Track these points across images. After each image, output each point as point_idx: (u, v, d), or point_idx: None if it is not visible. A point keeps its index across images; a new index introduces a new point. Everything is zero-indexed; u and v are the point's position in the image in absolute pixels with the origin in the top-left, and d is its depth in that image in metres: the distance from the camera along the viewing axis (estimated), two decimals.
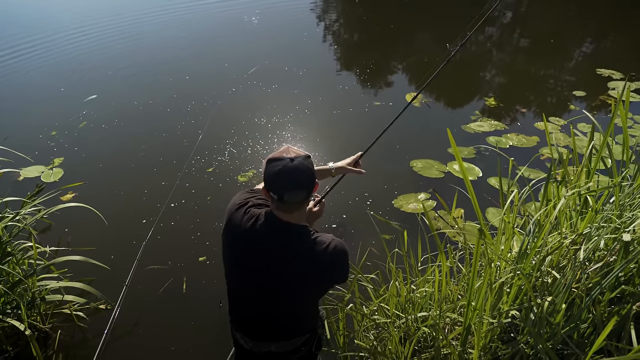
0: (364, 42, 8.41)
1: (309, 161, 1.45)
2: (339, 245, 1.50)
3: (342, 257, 1.50)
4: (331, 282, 1.58)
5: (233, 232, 1.54)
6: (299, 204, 1.45)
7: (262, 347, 1.70)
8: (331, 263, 1.48)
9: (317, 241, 1.48)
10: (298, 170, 1.40)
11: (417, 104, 5.61)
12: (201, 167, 4.45)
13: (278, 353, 1.72)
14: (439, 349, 1.89)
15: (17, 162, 3.69)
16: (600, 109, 5.45)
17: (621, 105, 2.01)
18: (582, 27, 8.73)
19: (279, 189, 1.40)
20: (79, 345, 2.81)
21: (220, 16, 9.39)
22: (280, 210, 1.47)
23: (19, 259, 2.74)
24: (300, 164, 1.41)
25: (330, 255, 1.47)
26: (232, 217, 1.55)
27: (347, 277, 1.57)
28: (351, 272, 2.30)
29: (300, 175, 1.40)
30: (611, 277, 1.51)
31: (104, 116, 5.47)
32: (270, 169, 1.42)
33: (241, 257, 1.53)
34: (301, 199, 1.44)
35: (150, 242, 3.39)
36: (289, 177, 1.39)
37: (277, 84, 6.20)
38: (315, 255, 1.46)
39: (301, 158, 1.43)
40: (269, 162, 1.44)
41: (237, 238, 1.53)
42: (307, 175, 1.42)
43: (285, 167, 1.40)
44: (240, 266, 1.56)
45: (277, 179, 1.40)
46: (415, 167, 4.42)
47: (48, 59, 7.34)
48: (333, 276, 1.54)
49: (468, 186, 1.72)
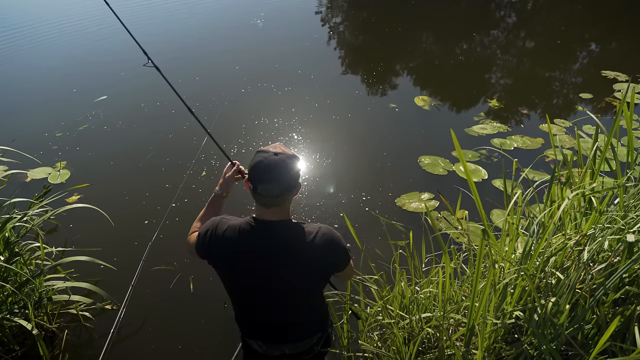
0: (371, 43, 8.42)
1: (292, 160, 1.44)
2: (327, 232, 1.50)
3: (333, 242, 1.50)
4: (333, 268, 1.56)
5: (221, 250, 1.51)
6: (276, 198, 1.42)
7: (275, 351, 1.71)
8: (325, 250, 1.48)
9: (306, 232, 1.48)
10: (277, 165, 1.40)
11: (426, 107, 5.62)
12: (207, 167, 4.49)
13: (292, 355, 1.73)
14: (442, 349, 1.89)
15: (25, 164, 3.73)
16: (605, 111, 5.43)
17: (626, 106, 2.01)
18: (586, 28, 8.71)
19: (255, 179, 1.41)
20: (85, 345, 2.84)
21: (225, 19, 9.45)
22: (261, 207, 1.46)
23: (27, 259, 2.77)
24: (281, 160, 1.41)
25: (322, 242, 1.47)
26: (213, 242, 1.51)
27: (348, 258, 1.57)
28: (355, 272, 2.31)
29: (277, 170, 1.39)
30: (615, 277, 1.51)
31: (112, 117, 5.54)
32: (254, 159, 1.43)
33: (238, 268, 1.51)
34: (275, 194, 1.41)
35: (156, 243, 3.41)
36: (266, 169, 1.39)
37: (289, 87, 6.24)
38: (306, 246, 1.46)
39: (285, 155, 1.43)
40: (256, 153, 1.46)
41: (228, 253, 1.50)
42: (284, 171, 1.41)
43: (266, 159, 1.40)
44: (239, 277, 1.54)
45: (256, 169, 1.41)
46: (422, 163, 4.47)
47: (64, 58, 7.52)
48: (332, 262, 1.53)
49: (472, 188, 1.72)
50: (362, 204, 3.97)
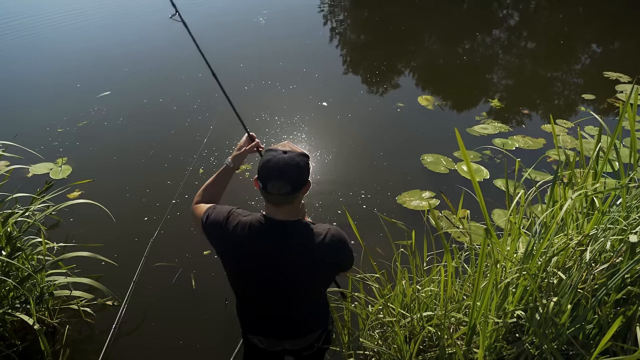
0: (375, 42, 8.42)
1: (302, 159, 1.44)
2: (337, 233, 1.51)
3: (342, 244, 1.51)
4: (338, 269, 1.57)
5: (231, 245, 1.51)
6: (285, 196, 1.42)
7: (275, 346, 1.72)
8: (333, 252, 1.49)
9: (315, 233, 1.48)
10: (286, 162, 1.39)
11: (430, 106, 5.62)
12: (211, 163, 4.49)
13: (292, 350, 1.74)
14: (443, 348, 1.89)
15: (27, 159, 3.73)
16: (607, 112, 5.43)
17: (629, 107, 2.01)
18: (589, 29, 8.70)
19: (265, 177, 1.40)
20: (86, 340, 2.84)
21: (227, 16, 9.44)
22: (271, 205, 1.47)
23: (29, 254, 2.77)
24: (290, 157, 1.41)
25: (331, 244, 1.48)
26: (222, 232, 1.52)
27: (352, 260, 1.57)
28: (356, 270, 2.32)
29: (287, 167, 1.39)
30: (617, 278, 1.51)
31: (115, 113, 5.55)
32: (263, 157, 1.44)
33: (246, 264, 1.52)
34: (285, 191, 1.40)
35: (158, 239, 3.42)
36: (275, 167, 1.39)
37: (295, 85, 6.24)
38: (315, 247, 1.47)
39: (294, 154, 1.43)
40: (265, 152, 1.46)
41: (235, 250, 1.51)
42: (294, 169, 1.40)
43: (275, 157, 1.40)
44: (247, 273, 1.55)
45: (265, 167, 1.40)
46: (425, 161, 4.49)
47: (69, 53, 7.57)
48: (338, 263, 1.54)
49: (476, 188, 1.72)
50: (362, 201, 3.98)
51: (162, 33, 8.36)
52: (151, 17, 9.39)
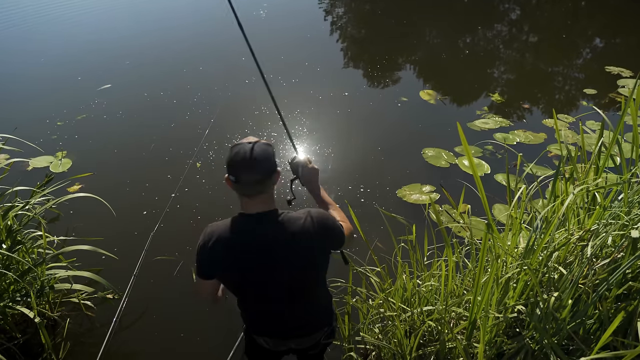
0: (376, 36, 8.37)
1: (267, 147, 1.47)
2: (317, 214, 1.52)
3: (327, 222, 1.53)
4: (330, 246, 1.58)
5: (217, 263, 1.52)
6: (259, 185, 1.44)
7: (281, 346, 1.72)
8: (321, 232, 1.50)
9: (295, 218, 1.49)
10: (253, 151, 1.42)
11: (432, 101, 5.60)
12: (209, 157, 4.48)
13: (297, 349, 1.74)
14: (444, 342, 1.90)
15: (27, 152, 3.72)
16: (609, 107, 5.41)
17: (632, 102, 1.99)
18: (591, 23, 8.65)
19: (235, 169, 1.42)
20: (87, 333, 2.85)
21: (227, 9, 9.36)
22: (246, 198, 1.48)
23: (29, 247, 2.78)
24: (256, 146, 1.44)
25: (316, 225, 1.49)
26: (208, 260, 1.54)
27: (342, 236, 1.58)
28: (356, 267, 2.32)
29: (256, 154, 1.42)
30: (618, 273, 1.51)
31: (115, 106, 5.53)
32: (230, 153, 1.45)
33: (237, 270, 1.52)
34: (259, 178, 1.43)
35: (158, 233, 3.41)
36: (244, 156, 1.41)
37: (297, 79, 6.21)
38: (301, 232, 1.47)
39: (260, 142, 1.46)
40: (230, 148, 1.47)
41: (224, 261, 1.51)
42: (262, 156, 1.43)
43: (242, 149, 1.43)
44: (240, 278, 1.55)
45: (234, 159, 1.43)
46: (426, 155, 4.50)
47: (69, 46, 7.53)
48: (330, 241, 1.55)
49: (478, 183, 1.71)
50: (362, 194, 3.97)
51: (164, 25, 8.34)
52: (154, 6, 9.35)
